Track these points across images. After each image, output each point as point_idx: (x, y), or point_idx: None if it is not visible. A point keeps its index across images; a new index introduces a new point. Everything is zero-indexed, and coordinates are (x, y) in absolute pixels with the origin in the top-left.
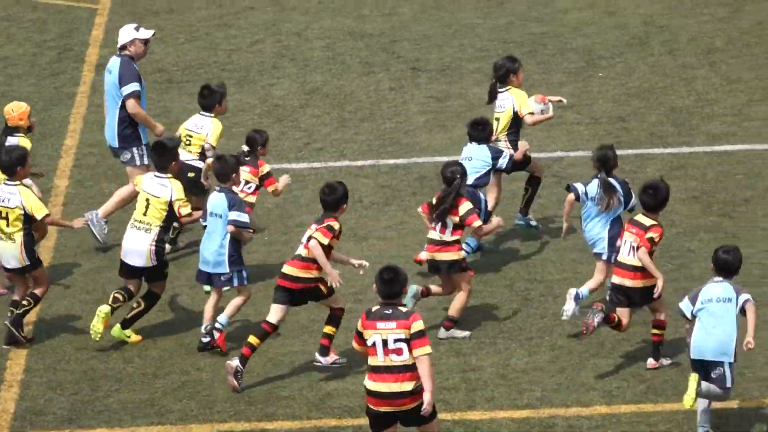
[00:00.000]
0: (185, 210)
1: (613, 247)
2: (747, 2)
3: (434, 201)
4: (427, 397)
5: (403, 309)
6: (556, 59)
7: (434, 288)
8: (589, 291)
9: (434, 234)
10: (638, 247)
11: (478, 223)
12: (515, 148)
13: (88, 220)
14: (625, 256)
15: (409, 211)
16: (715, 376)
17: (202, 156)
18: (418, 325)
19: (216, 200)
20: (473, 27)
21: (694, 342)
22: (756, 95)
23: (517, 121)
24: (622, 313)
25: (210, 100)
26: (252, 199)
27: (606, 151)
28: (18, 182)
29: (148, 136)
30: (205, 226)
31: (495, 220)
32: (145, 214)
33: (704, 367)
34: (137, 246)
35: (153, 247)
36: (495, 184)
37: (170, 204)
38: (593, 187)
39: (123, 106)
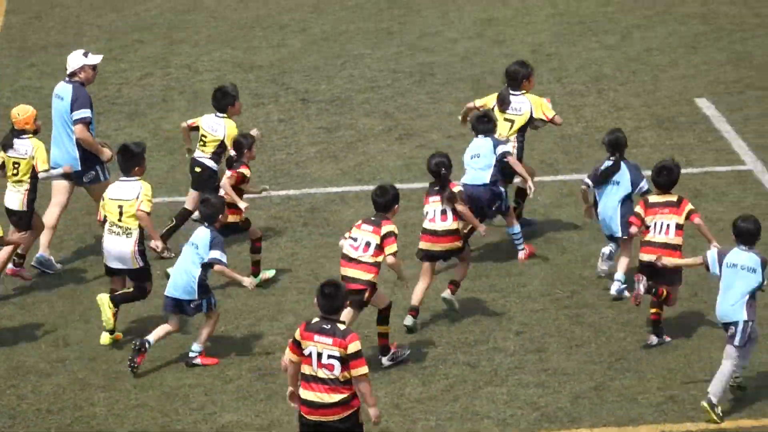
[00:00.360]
0: (144, 206)
1: (625, 226)
2: (634, 29)
3: (427, 197)
4: (374, 411)
5: (341, 327)
6: (445, 88)
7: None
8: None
9: (438, 224)
10: (685, 219)
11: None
12: (521, 146)
13: (38, 271)
14: (657, 235)
15: (301, 242)
16: (729, 334)
17: (215, 156)
18: (355, 346)
19: (200, 234)
20: (362, 57)
21: (717, 304)
22: (644, 122)
23: (525, 125)
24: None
25: (223, 102)
26: (242, 204)
27: (617, 134)
28: None
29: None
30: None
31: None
32: (120, 220)
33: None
34: (120, 250)
35: (136, 249)
36: None
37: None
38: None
39: None
